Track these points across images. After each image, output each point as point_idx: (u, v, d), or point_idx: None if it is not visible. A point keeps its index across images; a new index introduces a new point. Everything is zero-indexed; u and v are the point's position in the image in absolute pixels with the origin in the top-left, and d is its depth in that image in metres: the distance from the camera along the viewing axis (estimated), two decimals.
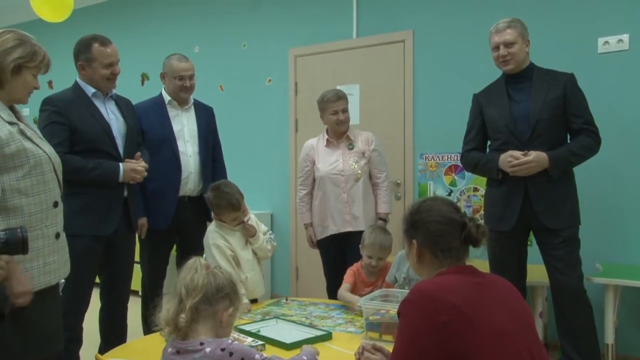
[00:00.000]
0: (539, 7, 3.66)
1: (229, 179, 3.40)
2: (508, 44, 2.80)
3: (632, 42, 3.39)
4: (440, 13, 4.08)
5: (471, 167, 3.04)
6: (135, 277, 4.97)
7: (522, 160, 2.70)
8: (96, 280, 2.91)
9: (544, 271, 2.88)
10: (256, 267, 2.97)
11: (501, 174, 2.82)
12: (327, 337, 2.25)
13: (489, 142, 3.02)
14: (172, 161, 3.28)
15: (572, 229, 2.78)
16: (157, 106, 3.38)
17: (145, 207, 3.24)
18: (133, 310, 3.26)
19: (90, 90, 2.83)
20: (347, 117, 3.44)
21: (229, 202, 2.86)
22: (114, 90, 2.97)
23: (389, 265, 2.91)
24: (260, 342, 2.12)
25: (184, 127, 3.38)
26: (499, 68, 2.91)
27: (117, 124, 2.90)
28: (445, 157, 4.07)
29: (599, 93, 3.26)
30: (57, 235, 2.04)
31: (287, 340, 2.15)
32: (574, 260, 2.76)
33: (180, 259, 3.31)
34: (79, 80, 2.86)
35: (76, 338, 2.80)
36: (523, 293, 2.76)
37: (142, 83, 5.82)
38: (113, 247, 2.86)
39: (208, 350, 1.54)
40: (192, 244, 3.12)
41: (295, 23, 4.81)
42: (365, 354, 1.74)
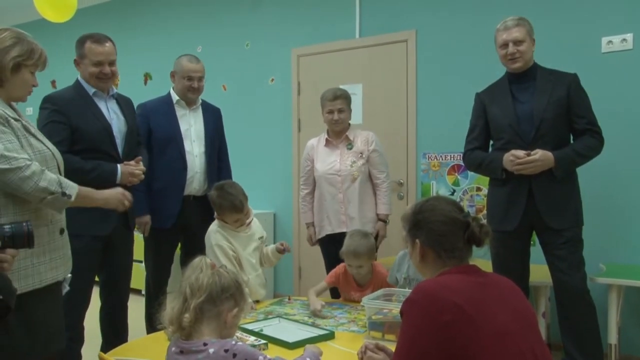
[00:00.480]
0: (542, 7, 3.65)
1: (232, 178, 3.41)
2: (517, 42, 2.79)
3: (636, 41, 3.38)
4: (443, 13, 4.08)
5: (474, 166, 3.03)
6: (138, 276, 5.03)
7: (528, 158, 2.69)
8: (96, 280, 2.91)
9: (547, 271, 2.87)
10: (259, 269, 2.96)
11: (505, 173, 2.82)
12: (330, 336, 2.25)
13: (491, 141, 3.01)
14: (178, 160, 3.29)
15: (575, 229, 2.78)
16: (165, 105, 3.39)
17: (150, 205, 3.25)
18: (136, 309, 3.27)
19: (91, 89, 2.82)
20: (342, 118, 3.39)
21: (232, 203, 2.85)
22: (115, 89, 2.96)
23: (380, 273, 2.89)
24: (263, 341, 2.12)
25: (191, 127, 3.39)
26: (505, 66, 2.89)
27: (118, 124, 2.89)
28: (448, 157, 4.06)
29: (602, 93, 3.25)
30: (62, 231, 2.06)
31: (290, 340, 2.15)
32: (577, 261, 2.76)
33: (184, 258, 3.33)
34: (80, 78, 2.85)
35: (77, 337, 2.80)
36: (526, 293, 2.75)
37: (145, 82, 5.83)
38: (112, 246, 2.86)
39: (211, 351, 1.53)
40: (197, 243, 3.13)
41: (298, 23, 4.82)
42: (368, 353, 1.74)
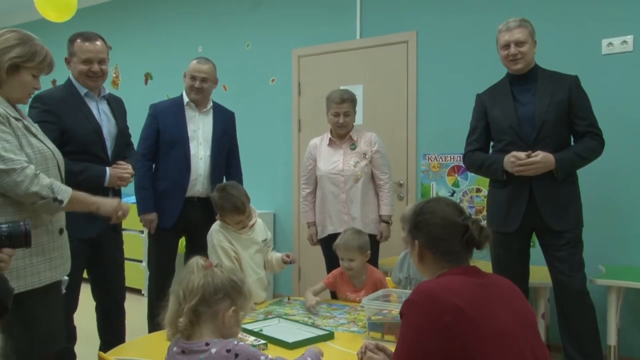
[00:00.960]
0: (543, 8, 3.66)
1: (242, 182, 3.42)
2: (519, 43, 2.80)
3: (636, 43, 3.39)
4: (444, 14, 4.08)
5: (475, 167, 3.03)
6: (137, 276, 5.07)
7: (529, 160, 2.70)
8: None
9: (546, 272, 2.88)
10: (260, 272, 2.95)
11: (505, 175, 2.82)
12: (330, 336, 2.25)
13: (491, 142, 3.02)
14: (182, 162, 3.31)
15: (575, 230, 2.78)
16: (176, 107, 3.40)
17: (155, 204, 3.30)
18: (137, 308, 3.27)
19: (83, 89, 2.78)
20: (347, 122, 3.40)
21: (233, 204, 2.82)
22: (107, 90, 2.93)
23: (374, 274, 2.89)
24: (263, 341, 2.12)
25: (199, 129, 3.39)
26: (507, 67, 2.89)
27: (108, 125, 2.85)
28: (448, 158, 4.07)
29: (602, 94, 3.25)
30: (61, 231, 2.07)
31: (289, 340, 2.15)
32: (577, 262, 2.76)
33: (188, 259, 3.33)
34: (71, 77, 2.81)
35: (70, 336, 2.79)
36: (526, 294, 2.75)
37: (145, 82, 5.83)
38: (100, 248, 2.82)
39: (213, 351, 1.52)
40: (200, 244, 3.12)
41: (298, 23, 4.82)
42: (368, 353, 1.74)
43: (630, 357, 3.38)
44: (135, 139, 3.47)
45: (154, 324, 3.27)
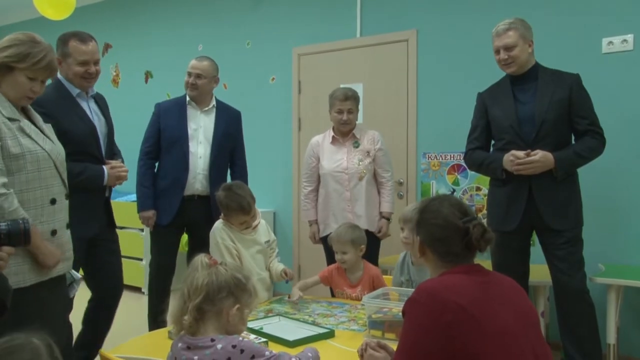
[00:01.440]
0: (543, 7, 3.66)
1: (246, 181, 3.43)
2: (508, 48, 2.79)
3: (637, 42, 3.39)
4: (444, 12, 4.08)
5: (475, 166, 3.03)
6: (138, 274, 5.07)
7: (528, 159, 2.70)
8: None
9: (546, 271, 2.88)
10: (262, 272, 2.95)
11: (505, 174, 2.82)
12: (330, 334, 2.25)
13: (492, 141, 3.02)
14: (181, 161, 3.32)
15: (575, 229, 2.78)
16: (178, 106, 3.41)
17: (155, 202, 3.33)
18: (137, 306, 3.28)
19: (74, 89, 2.74)
20: (350, 119, 3.41)
21: (239, 204, 2.82)
22: (94, 89, 2.90)
23: (370, 270, 2.89)
24: (263, 339, 2.12)
25: (200, 127, 3.40)
26: (502, 70, 2.91)
27: (100, 124, 2.82)
28: (448, 156, 4.07)
29: (603, 93, 3.25)
30: (54, 233, 2.04)
31: (290, 338, 2.15)
32: (577, 261, 2.76)
33: (190, 257, 3.34)
34: (60, 77, 2.76)
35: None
36: (526, 293, 2.76)
37: (145, 81, 5.83)
38: (96, 246, 2.81)
39: (219, 346, 1.54)
40: (202, 242, 3.13)
41: (299, 22, 4.82)
42: (369, 351, 1.75)
43: (630, 356, 3.39)
44: (136, 137, 3.48)
45: (154, 322, 3.29)
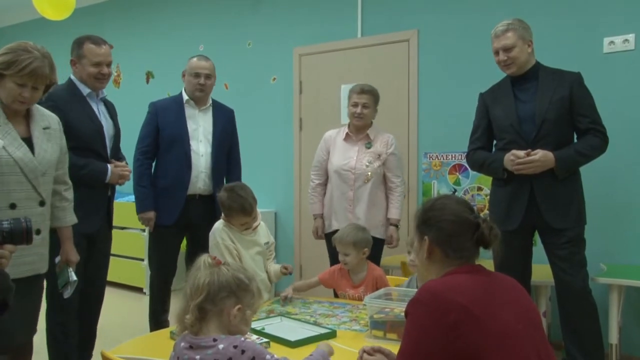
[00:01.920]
0: (544, 7, 3.65)
1: (240, 179, 3.42)
2: (507, 49, 2.79)
3: (638, 42, 3.38)
4: (445, 12, 4.08)
5: (477, 166, 3.03)
6: (139, 274, 5.07)
7: (528, 158, 2.70)
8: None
9: (548, 270, 2.88)
10: (262, 273, 2.94)
11: (507, 173, 2.82)
12: (332, 335, 2.25)
13: (494, 141, 3.02)
14: (183, 159, 3.32)
15: (577, 229, 2.78)
16: (176, 105, 3.41)
17: (155, 202, 3.30)
18: (138, 307, 3.28)
19: (86, 89, 2.86)
20: (365, 113, 3.37)
21: (241, 205, 2.81)
22: (104, 92, 2.99)
23: (374, 271, 2.88)
24: (265, 340, 2.12)
25: (199, 126, 3.40)
26: (502, 71, 2.91)
27: (107, 126, 2.93)
28: (450, 157, 4.07)
29: (604, 93, 3.25)
30: (38, 232, 2.10)
31: (292, 338, 2.15)
32: (579, 261, 2.76)
33: (189, 257, 3.34)
34: (72, 78, 2.89)
35: (72, 333, 2.79)
36: (528, 292, 2.76)
37: (147, 81, 5.83)
38: (93, 244, 2.86)
39: (221, 347, 1.54)
40: (202, 242, 3.13)
41: (300, 22, 4.82)
42: (365, 356, 1.74)
43: (632, 355, 3.39)
44: (135, 138, 3.47)
45: (155, 323, 3.28)
